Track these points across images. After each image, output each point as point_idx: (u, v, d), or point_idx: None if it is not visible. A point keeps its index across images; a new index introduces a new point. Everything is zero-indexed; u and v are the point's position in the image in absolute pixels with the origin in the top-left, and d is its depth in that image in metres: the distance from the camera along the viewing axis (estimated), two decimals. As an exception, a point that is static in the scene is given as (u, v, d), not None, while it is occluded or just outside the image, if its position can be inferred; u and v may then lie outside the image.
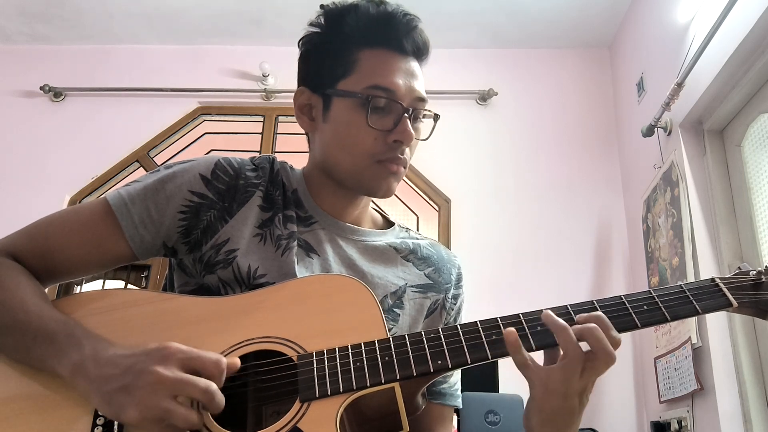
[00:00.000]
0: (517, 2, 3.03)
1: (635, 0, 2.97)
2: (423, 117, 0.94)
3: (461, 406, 1.01)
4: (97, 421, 0.72)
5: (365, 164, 0.90)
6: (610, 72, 3.29)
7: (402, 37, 0.91)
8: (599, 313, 0.75)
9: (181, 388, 0.67)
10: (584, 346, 0.73)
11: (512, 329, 0.75)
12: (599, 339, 0.72)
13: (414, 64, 0.93)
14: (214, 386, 0.68)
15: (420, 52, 0.94)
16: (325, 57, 0.93)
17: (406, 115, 0.89)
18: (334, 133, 0.92)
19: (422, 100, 0.92)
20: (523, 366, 0.74)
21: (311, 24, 0.96)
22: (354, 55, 0.91)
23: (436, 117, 0.96)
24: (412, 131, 0.89)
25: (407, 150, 0.92)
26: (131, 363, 0.69)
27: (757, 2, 1.85)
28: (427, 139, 0.97)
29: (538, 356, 0.77)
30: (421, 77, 0.94)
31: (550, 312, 0.75)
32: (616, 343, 0.73)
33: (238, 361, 0.73)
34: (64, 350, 0.74)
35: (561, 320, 0.74)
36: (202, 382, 0.68)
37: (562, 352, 0.73)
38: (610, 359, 0.72)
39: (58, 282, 0.89)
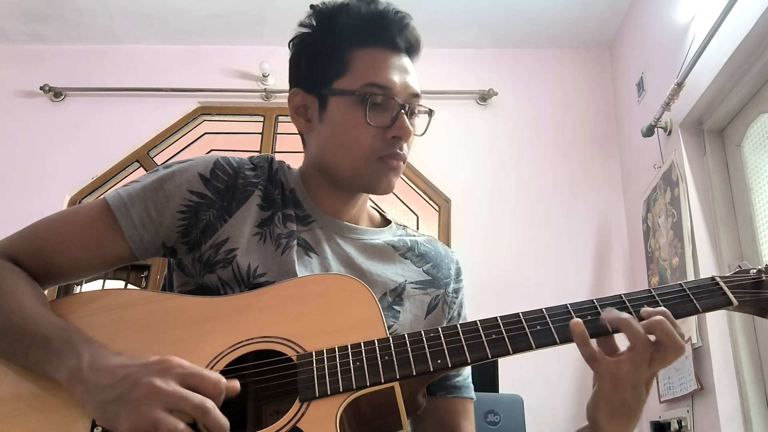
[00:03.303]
0: (517, 2, 3.03)
1: (635, 0, 2.97)
2: (418, 112, 0.95)
3: (475, 398, 1.01)
4: (95, 429, 0.71)
5: (365, 162, 0.91)
6: (610, 72, 3.28)
7: (395, 35, 0.92)
8: (663, 308, 0.75)
9: (175, 402, 0.66)
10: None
11: (578, 320, 0.74)
12: (668, 331, 0.72)
13: (407, 61, 0.95)
14: (209, 403, 0.67)
15: (413, 48, 0.95)
16: (318, 58, 0.94)
17: (403, 111, 0.90)
18: (332, 133, 0.92)
19: (417, 95, 0.93)
20: (592, 359, 0.74)
21: (301, 24, 0.97)
22: (347, 54, 0.91)
23: (430, 112, 0.97)
24: (410, 126, 0.91)
25: (405, 145, 0.92)
26: (128, 373, 0.69)
27: (757, 2, 1.84)
28: (422, 134, 0.97)
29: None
30: (414, 73, 0.95)
31: (611, 308, 0.75)
32: (682, 336, 0.74)
33: (237, 384, 0.72)
34: (61, 357, 0.73)
35: (622, 313, 0.74)
36: (197, 397, 0.67)
37: (629, 344, 0.73)
38: (680, 350, 0.72)
39: (58, 283, 0.89)
